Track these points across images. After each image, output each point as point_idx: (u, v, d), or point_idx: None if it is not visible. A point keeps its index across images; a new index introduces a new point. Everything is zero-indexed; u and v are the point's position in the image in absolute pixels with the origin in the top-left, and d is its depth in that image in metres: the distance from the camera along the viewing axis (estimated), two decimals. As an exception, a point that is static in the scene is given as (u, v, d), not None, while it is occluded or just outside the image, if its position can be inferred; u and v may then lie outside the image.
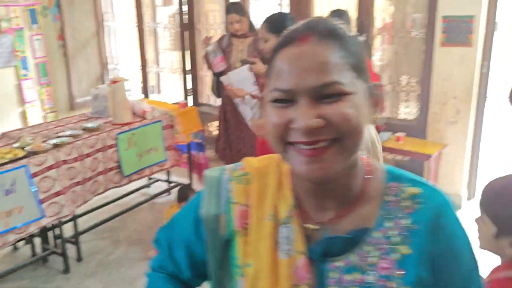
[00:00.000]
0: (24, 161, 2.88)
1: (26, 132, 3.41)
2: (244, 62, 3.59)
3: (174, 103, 4.31)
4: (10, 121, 4.74)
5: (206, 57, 3.91)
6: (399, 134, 3.86)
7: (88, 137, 3.31)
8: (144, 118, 3.77)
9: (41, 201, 2.94)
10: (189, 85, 5.22)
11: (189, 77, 5.18)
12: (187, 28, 5.03)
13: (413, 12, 3.98)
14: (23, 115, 4.90)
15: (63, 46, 5.17)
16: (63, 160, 3.05)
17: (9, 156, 2.90)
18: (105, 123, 3.63)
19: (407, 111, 4.19)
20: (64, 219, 3.15)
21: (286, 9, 4.75)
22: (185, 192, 3.50)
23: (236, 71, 3.52)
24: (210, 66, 3.95)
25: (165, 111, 3.96)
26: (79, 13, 5.26)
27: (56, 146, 3.11)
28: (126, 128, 3.54)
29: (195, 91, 5.27)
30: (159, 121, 3.80)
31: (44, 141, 3.15)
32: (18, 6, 4.72)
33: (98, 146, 3.30)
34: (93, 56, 5.52)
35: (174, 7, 6.75)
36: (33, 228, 2.93)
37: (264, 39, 2.82)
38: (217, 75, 3.95)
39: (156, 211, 4.12)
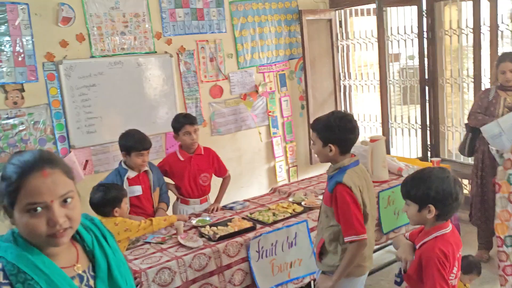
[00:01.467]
0: (304, 216, 3.11)
1: (293, 187, 3.71)
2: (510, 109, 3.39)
3: (421, 160, 4.22)
4: (261, 175, 5.25)
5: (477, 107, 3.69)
6: None
7: (352, 194, 3.44)
8: (400, 176, 3.77)
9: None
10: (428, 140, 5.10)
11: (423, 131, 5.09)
12: (427, 83, 4.97)
13: None
14: (273, 169, 5.37)
15: (305, 106, 5.58)
16: (335, 216, 3.20)
17: (290, 211, 3.18)
18: (363, 180, 3.73)
19: None
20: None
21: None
22: (472, 264, 3.17)
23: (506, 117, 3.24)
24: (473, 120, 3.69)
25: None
26: (319, 75, 5.65)
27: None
28: (386, 186, 3.58)
29: (434, 147, 5.11)
30: (415, 179, 3.75)
31: (314, 196, 3.38)
32: (271, 72, 5.30)
33: (362, 203, 3.40)
34: (330, 113, 5.82)
35: (401, 62, 6.72)
36: (308, 280, 3.11)
37: None
38: (472, 131, 3.77)
39: (406, 271, 4.00)
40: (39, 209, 1.15)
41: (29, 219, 1.16)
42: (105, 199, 2.74)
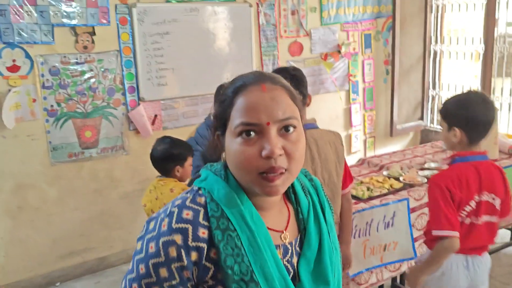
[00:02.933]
0: (403, 194, 2.67)
1: (384, 160, 3.26)
2: None
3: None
4: (338, 144, 4.80)
5: None
6: None
7: (458, 172, 2.95)
8: (511, 155, 3.23)
9: (414, 240, 2.68)
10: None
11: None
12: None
13: None
14: (348, 139, 4.91)
15: (389, 71, 5.03)
16: (439, 197, 2.74)
17: (387, 186, 2.74)
18: (467, 157, 3.22)
19: None
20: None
21: None
22: None
23: None
24: None
25: (534, 149, 3.33)
26: (409, 37, 5.05)
27: (428, 179, 2.83)
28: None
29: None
30: (531, 160, 3.20)
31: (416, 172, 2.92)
32: (356, 31, 4.77)
33: (470, 184, 2.90)
34: (416, 81, 5.25)
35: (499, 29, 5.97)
36: (405, 268, 2.69)
37: None
38: None
39: (505, 265, 3.50)
40: (252, 133, 0.88)
41: (239, 146, 0.88)
42: (169, 153, 2.43)
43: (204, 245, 0.87)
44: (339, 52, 4.65)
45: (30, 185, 3.34)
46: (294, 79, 1.91)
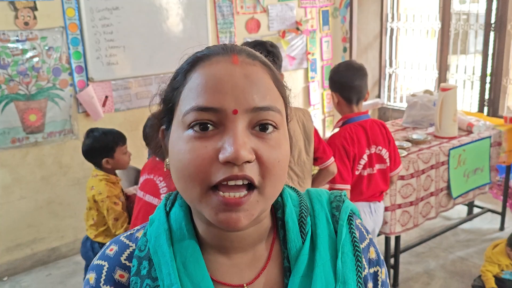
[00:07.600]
0: (367, 174, 2.62)
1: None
2: None
3: (496, 117, 3.68)
4: (297, 123, 4.74)
5: None
6: None
7: (419, 150, 2.93)
8: (470, 132, 3.25)
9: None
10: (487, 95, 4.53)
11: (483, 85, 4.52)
12: (495, 29, 4.34)
13: None
14: (309, 118, 4.85)
15: (347, 49, 4.99)
16: (401, 176, 2.72)
17: (350, 167, 2.69)
18: (427, 134, 3.22)
19: None
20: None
21: None
22: None
23: None
24: None
25: (491, 126, 3.37)
26: (366, 14, 5.01)
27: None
28: (456, 143, 3.07)
29: (492, 102, 4.54)
30: (489, 137, 3.23)
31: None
32: (314, 7, 4.67)
33: (432, 162, 2.90)
34: (373, 59, 5.24)
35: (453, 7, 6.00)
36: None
37: None
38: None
39: (463, 240, 3.57)
40: (209, 126, 0.58)
41: (185, 144, 0.58)
42: (92, 147, 2.41)
43: None
44: (298, 29, 4.54)
45: (-31, 174, 3.08)
46: (271, 56, 1.82)
